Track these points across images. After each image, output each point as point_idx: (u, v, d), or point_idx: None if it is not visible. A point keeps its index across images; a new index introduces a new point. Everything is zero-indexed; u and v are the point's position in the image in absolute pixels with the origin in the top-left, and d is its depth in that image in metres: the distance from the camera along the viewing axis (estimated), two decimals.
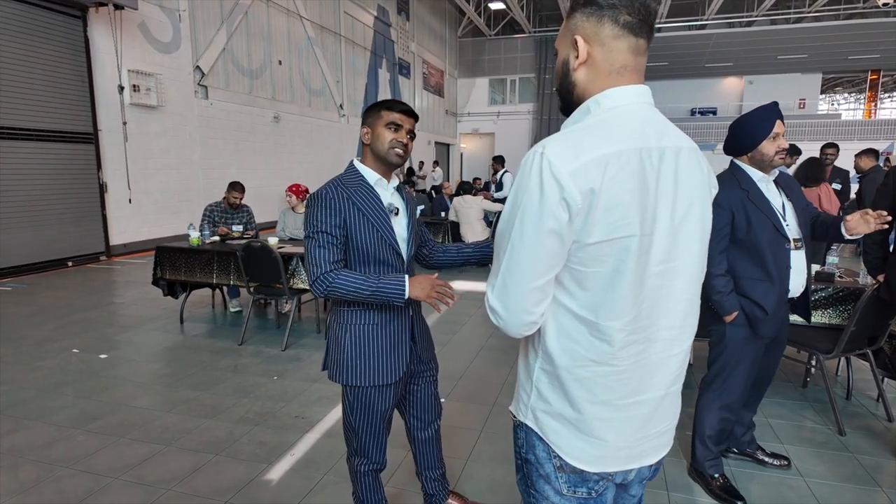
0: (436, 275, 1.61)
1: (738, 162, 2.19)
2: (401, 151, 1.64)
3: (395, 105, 1.64)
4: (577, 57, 0.96)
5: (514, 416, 1.08)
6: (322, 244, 1.55)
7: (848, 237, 2.20)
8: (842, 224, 2.18)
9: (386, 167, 1.67)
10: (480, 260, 1.85)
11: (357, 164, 1.69)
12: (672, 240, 0.94)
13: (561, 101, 1.04)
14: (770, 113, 2.07)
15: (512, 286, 0.92)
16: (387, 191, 1.69)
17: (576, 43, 0.96)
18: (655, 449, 1.04)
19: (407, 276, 1.56)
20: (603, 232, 0.87)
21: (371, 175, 1.66)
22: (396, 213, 1.68)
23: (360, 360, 1.65)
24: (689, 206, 0.95)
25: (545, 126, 20.21)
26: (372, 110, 1.66)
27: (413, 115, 1.66)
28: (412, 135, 1.67)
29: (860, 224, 2.13)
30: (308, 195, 1.62)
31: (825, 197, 4.84)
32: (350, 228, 1.58)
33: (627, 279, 0.90)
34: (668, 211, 0.92)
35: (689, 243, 0.96)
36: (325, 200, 1.57)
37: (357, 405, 1.71)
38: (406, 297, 1.53)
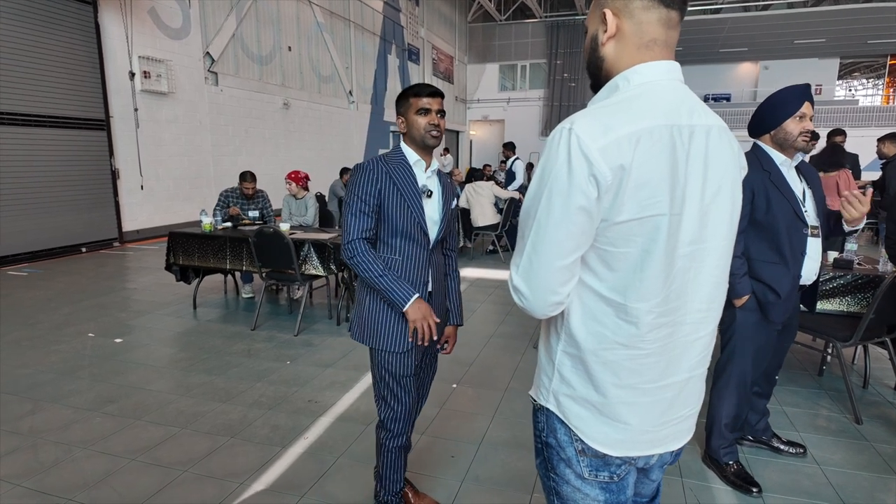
0: (436, 320, 1.69)
1: (760, 143, 2.15)
2: (435, 133, 1.73)
3: (421, 90, 1.72)
4: (605, 31, 0.94)
5: (535, 400, 1.07)
6: (355, 212, 1.69)
7: (849, 229, 2.17)
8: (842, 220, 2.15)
9: (424, 150, 1.76)
10: (449, 314, 1.96)
11: (402, 145, 1.80)
12: (701, 221, 0.91)
13: (590, 77, 1.01)
14: (801, 92, 2.03)
15: (538, 265, 0.90)
16: (424, 173, 1.78)
17: (604, 17, 0.94)
18: (679, 434, 1.02)
19: (417, 295, 1.66)
20: (633, 210, 0.85)
21: (412, 156, 1.76)
22: (429, 196, 1.77)
23: (374, 325, 1.76)
24: (720, 186, 0.93)
25: (556, 113, 20.00)
26: (401, 100, 1.76)
27: (439, 95, 1.74)
28: (442, 112, 1.75)
29: (853, 209, 2.08)
30: (353, 166, 1.77)
31: (843, 183, 4.75)
32: (383, 199, 1.70)
33: (657, 260, 0.87)
34: (698, 191, 0.90)
35: (718, 224, 0.94)
36: (364, 171, 1.70)
37: (378, 368, 1.80)
38: (404, 308, 1.65)
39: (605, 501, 1.01)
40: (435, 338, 1.66)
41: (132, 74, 7.79)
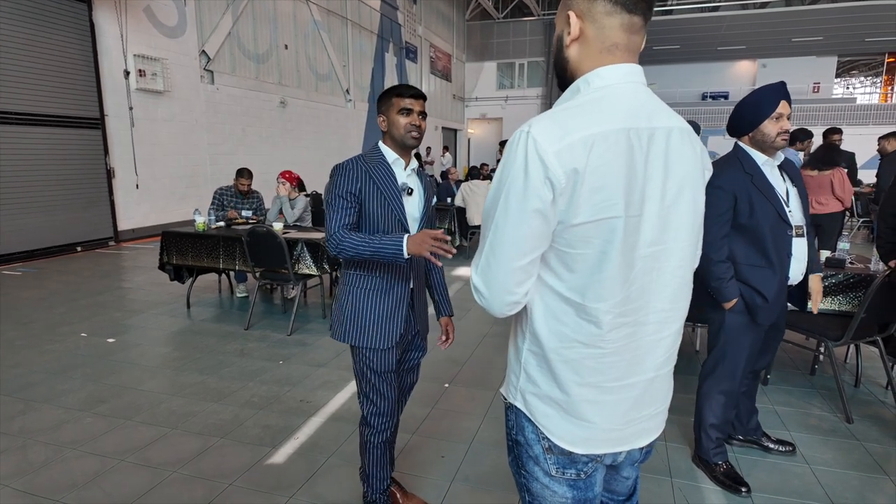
0: (441, 230, 1.61)
1: (741, 144, 2.14)
2: (415, 133, 1.75)
3: (404, 91, 1.74)
4: (569, 33, 0.95)
5: (505, 399, 1.09)
6: (336, 209, 1.70)
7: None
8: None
9: (403, 150, 1.79)
10: (437, 308, 2.01)
11: (380, 144, 1.82)
12: (662, 222, 0.93)
13: (556, 77, 1.03)
14: (776, 92, 2.01)
15: (495, 266, 0.92)
16: (403, 171, 1.80)
17: (569, 19, 0.94)
18: (645, 432, 1.03)
19: (406, 235, 1.61)
20: (588, 213, 0.86)
21: (390, 155, 1.78)
22: (410, 193, 1.80)
23: (355, 323, 1.77)
24: (680, 188, 0.94)
25: None
26: (383, 99, 1.77)
27: (421, 97, 1.77)
28: (423, 115, 1.77)
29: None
30: (333, 167, 1.80)
31: (838, 182, 4.76)
32: (363, 197, 1.72)
33: (614, 261, 0.89)
34: (658, 193, 0.91)
35: (679, 226, 0.95)
36: (344, 169, 1.73)
37: (360, 365, 1.82)
38: (405, 255, 1.58)
39: (572, 498, 1.02)
40: (448, 239, 1.57)
41: (127, 73, 7.77)
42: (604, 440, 0.98)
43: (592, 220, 0.87)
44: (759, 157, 2.09)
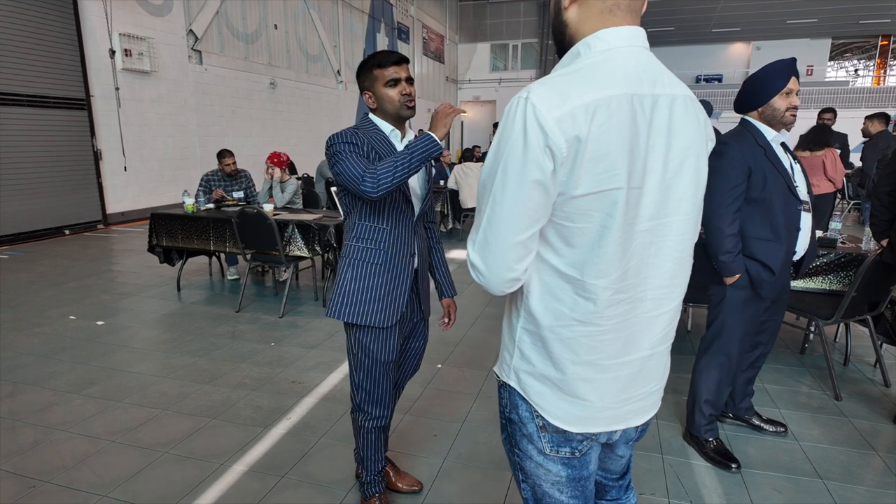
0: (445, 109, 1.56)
1: (749, 119, 2.13)
2: (410, 103, 1.66)
3: (384, 59, 1.62)
4: None
5: (498, 377, 1.06)
6: (349, 154, 1.55)
7: None
8: None
9: (398, 121, 1.70)
10: (439, 289, 1.95)
11: (371, 116, 1.70)
12: (664, 195, 0.89)
13: (555, 43, 0.98)
14: (786, 68, 2.01)
15: (493, 241, 0.88)
16: (400, 143, 1.71)
17: None
18: (641, 410, 1.01)
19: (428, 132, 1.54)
20: (589, 184, 0.82)
21: (385, 126, 1.69)
22: None
23: (356, 298, 1.68)
24: (683, 159, 0.90)
25: None
26: (363, 73, 1.66)
27: (404, 60, 1.65)
28: (410, 79, 1.66)
29: None
30: (329, 136, 1.65)
31: (830, 163, 4.76)
32: None
33: (614, 235, 0.85)
34: (660, 164, 0.87)
35: (681, 198, 0.91)
36: (346, 135, 1.60)
37: (357, 350, 1.73)
38: (439, 141, 1.51)
39: (566, 477, 1.00)
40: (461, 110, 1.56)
41: (112, 52, 7.59)
42: (599, 419, 0.96)
43: (594, 192, 0.83)
44: (768, 132, 2.09)
